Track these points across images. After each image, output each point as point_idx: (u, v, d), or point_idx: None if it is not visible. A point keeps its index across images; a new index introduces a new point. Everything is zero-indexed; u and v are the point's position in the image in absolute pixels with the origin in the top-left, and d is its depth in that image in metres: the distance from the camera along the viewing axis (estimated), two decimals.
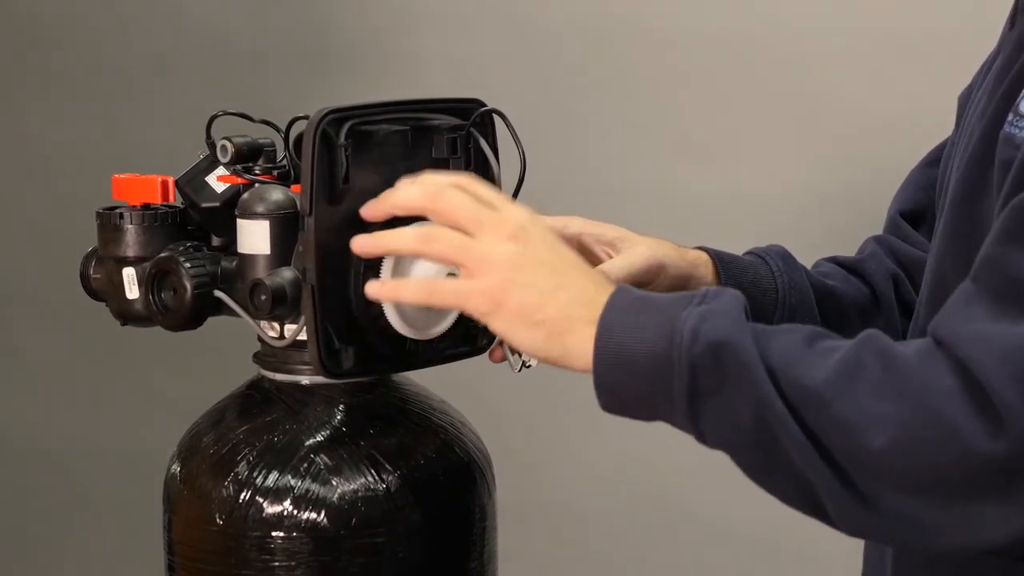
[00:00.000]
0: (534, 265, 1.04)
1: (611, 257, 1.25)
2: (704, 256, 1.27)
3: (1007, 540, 0.96)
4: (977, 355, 0.94)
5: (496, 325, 1.05)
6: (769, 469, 1.00)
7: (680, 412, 1.00)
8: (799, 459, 0.97)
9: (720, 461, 1.07)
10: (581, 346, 1.03)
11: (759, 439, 0.98)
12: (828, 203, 2.11)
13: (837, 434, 0.96)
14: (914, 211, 1.38)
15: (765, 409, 0.97)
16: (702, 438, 1.02)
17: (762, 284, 1.29)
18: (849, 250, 1.42)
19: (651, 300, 1.03)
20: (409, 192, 1.10)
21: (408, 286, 1.11)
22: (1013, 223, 0.97)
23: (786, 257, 1.32)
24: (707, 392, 0.99)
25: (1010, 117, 1.05)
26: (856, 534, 1.01)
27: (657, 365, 1.00)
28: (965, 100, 1.25)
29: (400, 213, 1.11)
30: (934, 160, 1.36)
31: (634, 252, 1.24)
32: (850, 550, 1.29)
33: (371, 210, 1.12)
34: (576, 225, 1.26)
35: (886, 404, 0.95)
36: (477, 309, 1.05)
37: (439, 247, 1.06)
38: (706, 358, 0.98)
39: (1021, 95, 1.05)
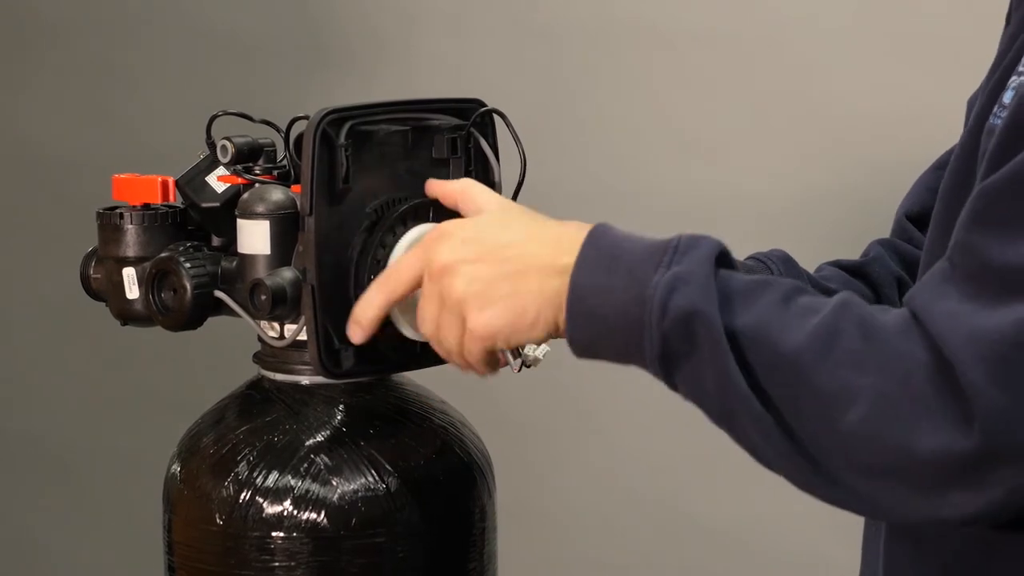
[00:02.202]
0: (483, 275, 1.07)
1: None
2: None
3: (968, 520, 0.97)
4: (947, 332, 0.94)
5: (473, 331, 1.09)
6: (734, 435, 1.02)
7: (653, 369, 1.03)
8: (760, 437, 0.99)
9: (720, 462, 1.07)
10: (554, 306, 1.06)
11: (723, 410, 1.00)
12: (828, 203, 2.11)
13: (808, 407, 0.97)
14: (921, 213, 1.38)
15: (728, 384, 0.98)
16: (676, 390, 1.04)
17: None
18: (849, 249, 1.42)
19: (621, 257, 1.03)
20: (352, 333, 1.16)
21: (453, 358, 1.13)
22: (983, 206, 0.97)
23: (788, 261, 1.32)
24: (677, 357, 1.01)
25: (995, 109, 1.06)
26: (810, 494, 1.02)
27: (629, 327, 1.01)
28: (973, 103, 1.25)
29: (373, 322, 1.15)
30: (944, 163, 1.36)
31: None
32: (850, 551, 1.30)
33: (354, 334, 1.16)
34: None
35: (864, 376, 0.95)
36: (488, 345, 1.10)
37: (431, 334, 1.11)
38: (676, 329, 1.00)
39: (1006, 87, 1.06)
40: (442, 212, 1.19)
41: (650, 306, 1.00)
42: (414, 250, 1.12)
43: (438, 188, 1.19)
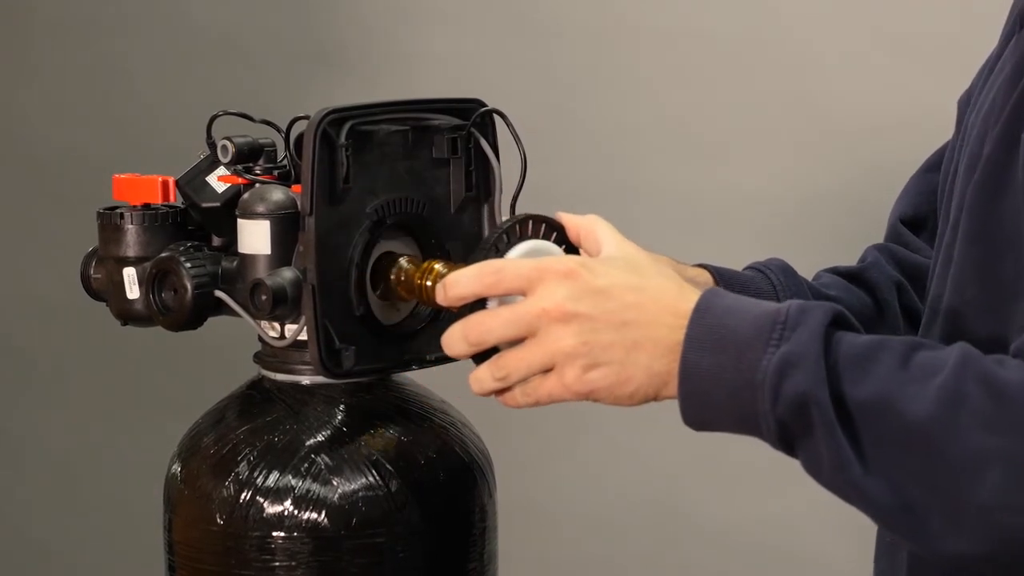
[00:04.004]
0: (599, 338, 1.04)
1: None
2: (705, 273, 1.26)
3: None
4: None
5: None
6: (853, 505, 1.01)
7: (775, 447, 1.02)
8: (881, 514, 0.98)
9: (720, 463, 1.07)
10: (673, 391, 1.05)
11: (842, 492, 1.00)
12: (828, 203, 2.11)
13: (939, 478, 0.95)
14: (915, 217, 1.38)
15: (844, 469, 0.98)
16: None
17: (763, 299, 1.27)
18: (848, 250, 1.42)
19: (728, 335, 1.01)
20: (455, 348, 1.10)
21: (515, 396, 1.10)
22: None
23: (787, 270, 1.31)
24: (795, 438, 1.00)
25: None
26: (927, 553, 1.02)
27: (743, 410, 1.01)
28: (965, 104, 1.25)
29: (457, 301, 1.10)
30: (934, 165, 1.35)
31: None
32: (850, 550, 1.30)
33: (437, 294, 1.11)
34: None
35: (996, 438, 0.93)
36: (577, 399, 1.07)
37: (515, 374, 1.08)
38: (790, 415, 0.99)
39: None
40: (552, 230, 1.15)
41: (762, 392, 0.99)
42: (533, 268, 1.07)
43: (565, 216, 1.15)
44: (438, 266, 1.19)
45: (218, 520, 1.19)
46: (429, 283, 1.18)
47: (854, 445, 0.97)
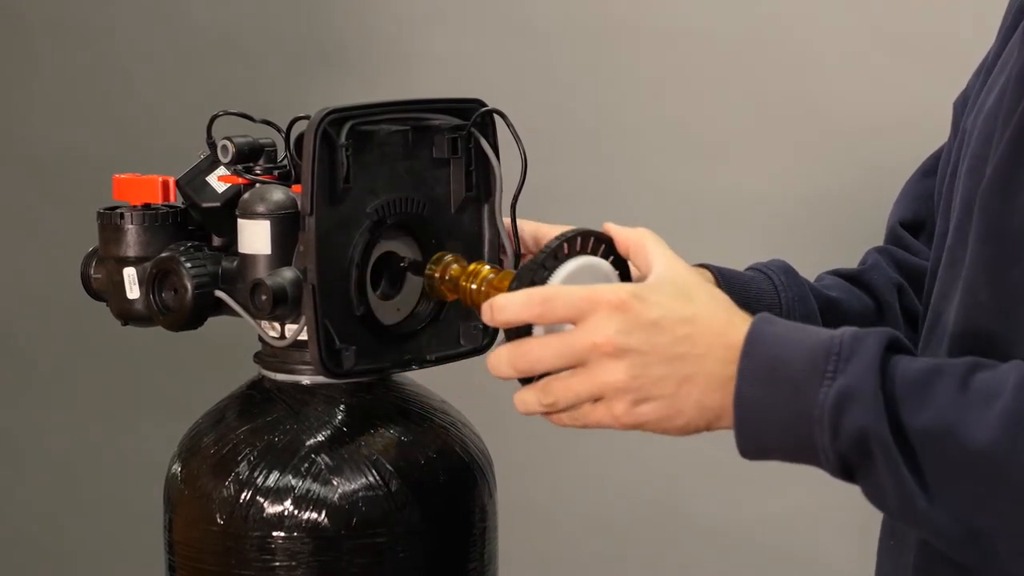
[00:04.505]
0: (650, 372, 1.03)
1: None
2: (706, 273, 1.26)
3: None
4: None
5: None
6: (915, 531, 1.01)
7: (834, 476, 1.02)
8: (944, 542, 0.98)
9: (720, 463, 1.07)
10: (726, 424, 1.04)
11: (907, 520, 1.00)
12: (828, 203, 2.11)
13: (1004, 504, 0.95)
14: (914, 221, 1.37)
15: (909, 500, 0.97)
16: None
17: (765, 300, 1.27)
18: (848, 251, 1.42)
19: (781, 367, 1.00)
20: (500, 372, 1.08)
21: (561, 419, 1.09)
22: None
23: (788, 271, 1.30)
24: (856, 470, 1.00)
25: None
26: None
27: (801, 443, 1.00)
28: (962, 106, 1.25)
29: (505, 325, 1.08)
30: (930, 169, 1.35)
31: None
32: (849, 549, 1.30)
33: (485, 316, 1.08)
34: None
35: None
36: (625, 430, 1.06)
37: (563, 401, 1.06)
38: (851, 449, 0.98)
39: None
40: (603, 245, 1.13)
41: (820, 427, 0.98)
42: (584, 299, 1.04)
43: (614, 228, 1.12)
44: (485, 270, 1.18)
45: (218, 520, 1.19)
46: (474, 286, 1.17)
47: (917, 476, 0.97)
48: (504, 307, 1.06)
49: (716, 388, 1.03)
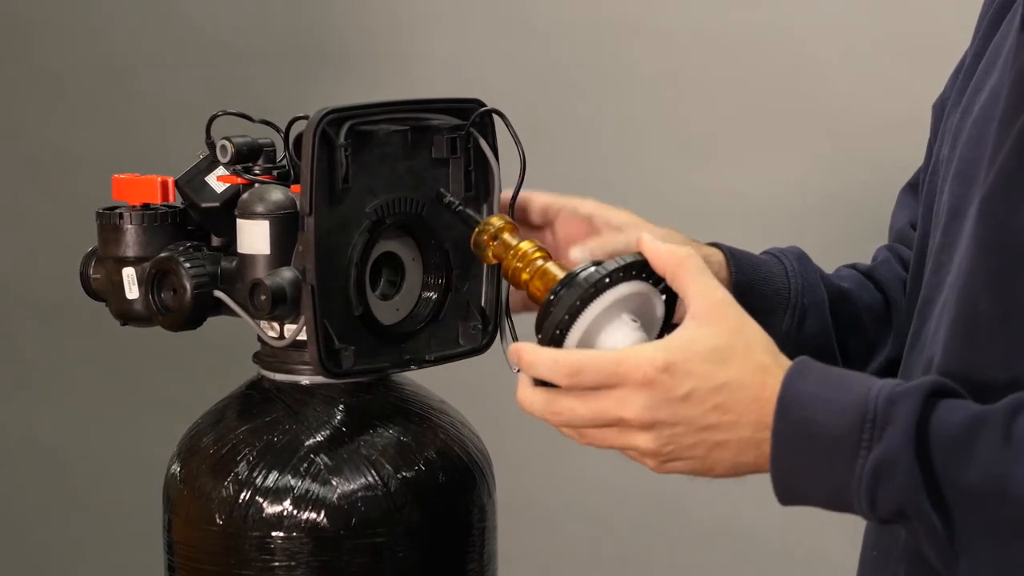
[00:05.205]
0: (681, 441, 1.03)
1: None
2: (717, 253, 1.26)
3: None
4: None
5: None
6: None
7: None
8: None
9: None
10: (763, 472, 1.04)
11: None
12: (828, 203, 2.11)
13: None
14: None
15: (948, 570, 0.98)
16: None
17: (774, 282, 1.27)
18: (849, 250, 1.42)
19: (816, 432, 0.99)
20: (533, 412, 1.08)
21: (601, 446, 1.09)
22: None
23: (802, 258, 1.30)
24: (902, 527, 1.00)
25: None
26: None
27: (840, 506, 1.00)
28: (941, 108, 1.23)
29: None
30: (916, 183, 1.35)
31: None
32: (848, 549, 1.29)
33: (511, 356, 1.07)
34: (588, 207, 1.26)
35: None
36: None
37: (589, 439, 1.07)
38: (890, 517, 0.99)
39: None
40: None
41: (858, 498, 0.98)
42: (613, 373, 1.02)
43: (650, 249, 1.07)
44: (537, 256, 1.14)
45: (217, 520, 1.19)
46: (520, 264, 1.14)
47: (960, 538, 0.96)
48: (532, 364, 1.05)
49: (750, 449, 1.02)
